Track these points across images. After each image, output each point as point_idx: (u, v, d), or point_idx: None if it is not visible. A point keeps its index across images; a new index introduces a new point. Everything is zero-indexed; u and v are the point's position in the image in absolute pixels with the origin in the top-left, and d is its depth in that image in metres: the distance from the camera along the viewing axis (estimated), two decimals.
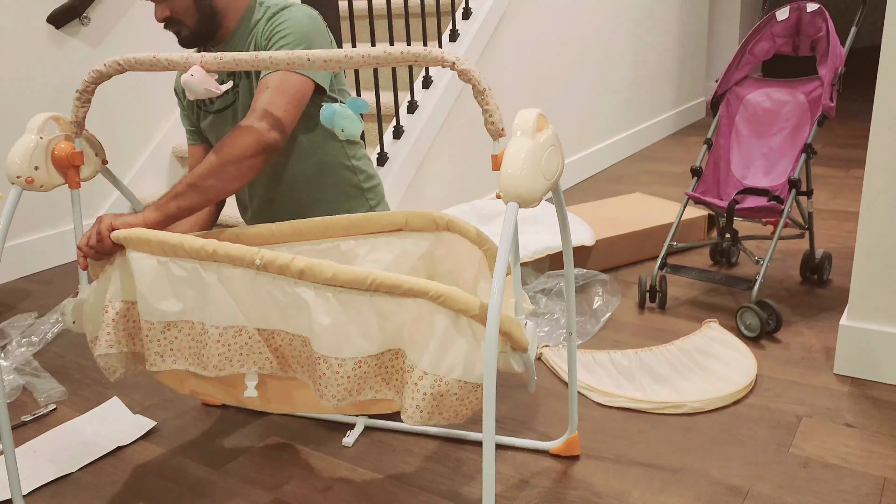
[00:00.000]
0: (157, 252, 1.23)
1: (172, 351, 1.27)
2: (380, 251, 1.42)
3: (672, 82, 4.90)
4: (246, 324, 1.23)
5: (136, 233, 1.24)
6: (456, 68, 1.06)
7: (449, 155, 2.92)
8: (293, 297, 1.17)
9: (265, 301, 1.21)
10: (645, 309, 2.23)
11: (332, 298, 1.14)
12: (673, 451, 1.54)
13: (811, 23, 2.15)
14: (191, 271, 1.22)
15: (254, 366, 1.25)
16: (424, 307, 1.11)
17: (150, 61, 1.24)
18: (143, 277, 1.23)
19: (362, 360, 1.16)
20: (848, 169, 3.73)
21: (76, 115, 1.33)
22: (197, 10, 1.54)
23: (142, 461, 1.61)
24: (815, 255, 2.32)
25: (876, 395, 1.70)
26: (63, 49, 2.93)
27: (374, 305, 1.14)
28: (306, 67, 1.16)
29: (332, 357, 1.15)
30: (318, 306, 1.15)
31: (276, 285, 1.18)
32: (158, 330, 1.25)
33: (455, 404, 1.13)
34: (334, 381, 1.16)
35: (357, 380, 1.16)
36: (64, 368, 2.07)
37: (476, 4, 3.00)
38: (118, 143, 3.18)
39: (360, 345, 1.15)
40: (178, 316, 1.25)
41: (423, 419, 1.13)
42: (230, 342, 1.23)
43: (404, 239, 1.41)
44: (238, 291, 1.22)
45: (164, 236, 1.22)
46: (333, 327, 1.14)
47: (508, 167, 1.03)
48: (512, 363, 1.14)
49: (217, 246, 1.20)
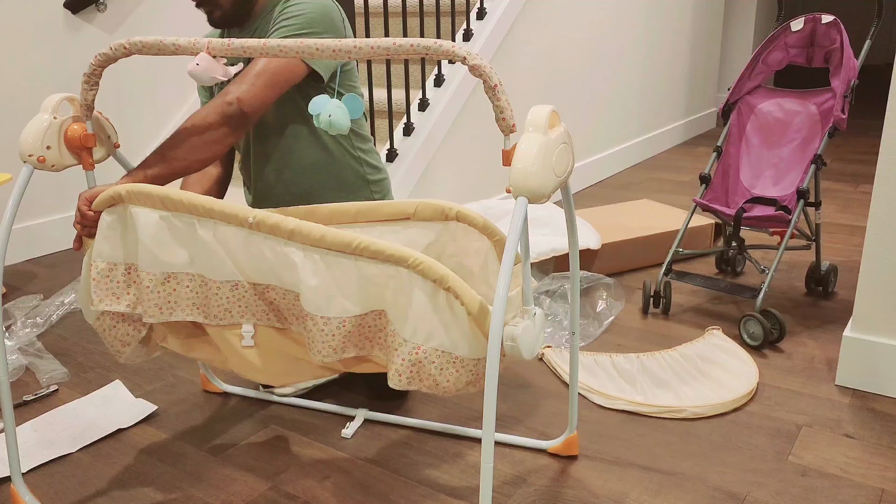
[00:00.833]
0: (158, 206, 1.28)
1: (170, 304, 1.31)
2: (386, 239, 1.43)
3: (683, 91, 4.89)
4: (241, 278, 1.29)
5: (138, 188, 1.28)
6: (467, 63, 1.06)
7: (459, 153, 2.92)
8: (283, 257, 1.23)
9: (257, 258, 1.26)
10: (648, 314, 2.23)
11: (319, 260, 1.21)
12: (672, 456, 1.54)
13: (826, 34, 2.15)
14: (189, 226, 1.28)
15: (252, 317, 1.31)
16: (405, 275, 1.17)
17: (157, 45, 1.24)
18: (146, 230, 1.28)
19: (346, 319, 1.22)
20: (857, 184, 3.72)
21: (85, 97, 1.33)
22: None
23: (141, 444, 1.62)
24: (821, 267, 2.32)
25: (877, 407, 1.70)
26: (79, 34, 2.94)
27: (358, 269, 1.20)
28: (315, 56, 1.15)
29: (318, 315, 1.22)
30: (307, 267, 1.21)
31: (267, 244, 1.24)
32: (159, 281, 1.30)
33: (434, 373, 1.18)
34: (320, 338, 1.23)
35: (341, 338, 1.24)
36: (67, 351, 2.08)
37: (491, 5, 3.01)
38: (130, 129, 3.20)
39: (344, 305, 1.22)
40: (178, 268, 1.30)
41: (404, 384, 1.20)
42: (228, 295, 1.29)
43: (411, 228, 1.41)
44: (232, 248, 1.27)
45: (167, 191, 1.28)
46: (319, 288, 1.21)
47: (519, 162, 1.03)
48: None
49: (213, 203, 1.25)
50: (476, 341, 1.17)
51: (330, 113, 1.28)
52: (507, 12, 3.01)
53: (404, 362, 1.18)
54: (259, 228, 1.24)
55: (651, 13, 4.20)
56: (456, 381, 1.19)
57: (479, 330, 1.16)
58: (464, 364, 1.18)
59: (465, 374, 1.19)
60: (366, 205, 1.44)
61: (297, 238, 1.21)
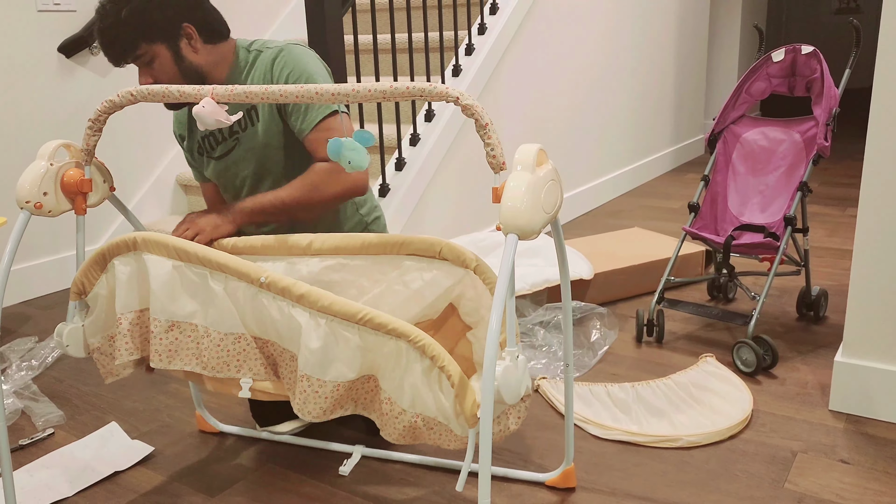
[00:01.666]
0: (172, 256, 1.33)
1: (170, 352, 1.35)
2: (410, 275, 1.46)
3: (671, 119, 4.96)
4: (245, 332, 1.33)
5: (154, 237, 1.33)
6: (460, 103, 1.09)
7: (450, 187, 2.95)
8: (289, 318, 1.28)
9: (262, 315, 1.31)
10: (642, 343, 2.25)
11: (324, 325, 1.25)
12: (668, 485, 1.54)
13: (806, 64, 2.20)
14: (201, 277, 1.32)
15: (249, 371, 1.35)
16: (404, 349, 1.22)
17: (163, 93, 1.28)
18: (157, 278, 1.32)
19: (340, 384, 1.27)
20: (844, 208, 3.77)
21: (87, 143, 1.36)
22: (184, 78, 1.58)
23: (138, 487, 1.61)
24: (812, 292, 2.34)
25: (871, 431, 1.71)
26: (73, 78, 2.98)
27: (361, 337, 1.24)
28: (315, 100, 1.19)
29: (314, 377, 1.25)
30: (310, 330, 1.25)
31: (275, 304, 1.29)
32: (163, 329, 1.33)
33: (432, 436, 1.26)
34: (313, 398, 1.27)
35: (333, 400, 1.28)
36: (62, 393, 2.07)
37: (479, 41, 3.06)
38: (123, 171, 3.22)
39: (341, 370, 1.26)
40: (184, 318, 1.34)
41: (406, 442, 1.29)
42: (229, 347, 1.33)
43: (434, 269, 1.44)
44: (240, 302, 1.32)
45: (183, 243, 1.32)
46: (320, 351, 1.25)
47: (509, 200, 1.05)
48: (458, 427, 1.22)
49: (227, 259, 1.30)
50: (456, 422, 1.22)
51: (349, 160, 1.31)
52: (496, 47, 3.06)
53: (406, 428, 1.25)
54: (269, 289, 1.28)
55: (637, 44, 4.28)
56: (453, 438, 1.25)
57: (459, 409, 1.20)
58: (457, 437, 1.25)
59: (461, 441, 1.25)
60: (392, 237, 1.46)
61: (305, 303, 1.25)
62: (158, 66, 1.55)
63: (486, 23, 3.10)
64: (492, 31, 3.08)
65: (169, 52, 1.55)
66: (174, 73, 1.57)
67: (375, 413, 1.32)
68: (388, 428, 1.27)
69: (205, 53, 1.60)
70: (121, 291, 1.34)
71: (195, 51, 1.58)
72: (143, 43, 1.52)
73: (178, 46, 1.56)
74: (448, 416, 1.21)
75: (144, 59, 1.54)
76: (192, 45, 1.57)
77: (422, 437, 1.27)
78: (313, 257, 1.48)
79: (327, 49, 2.28)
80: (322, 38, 2.29)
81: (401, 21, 3.61)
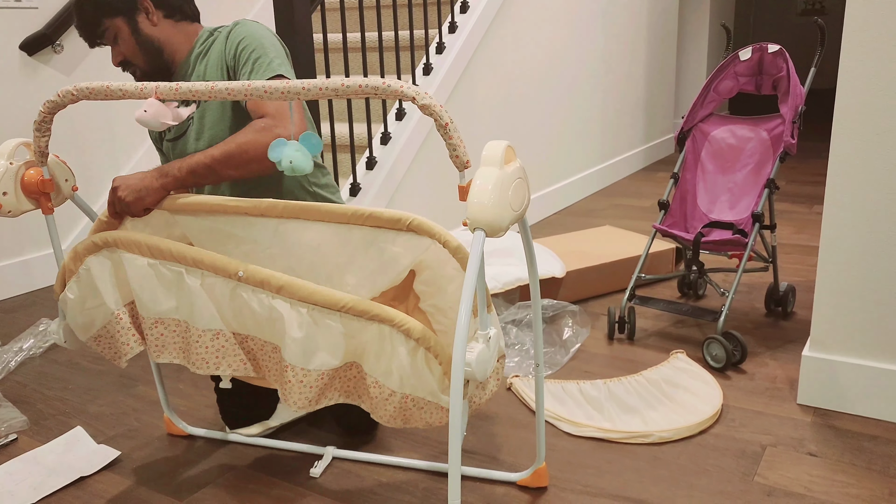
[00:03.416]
0: (145, 254, 1.32)
1: (158, 346, 1.36)
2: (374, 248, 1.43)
3: (641, 119, 5.00)
4: (223, 327, 1.32)
5: (127, 236, 1.32)
6: (417, 103, 1.07)
7: (421, 186, 2.94)
8: (269, 310, 1.27)
9: (242, 309, 1.30)
10: (614, 340, 2.26)
11: (306, 314, 1.24)
12: (641, 481, 1.55)
13: (773, 63, 2.22)
14: (176, 274, 1.31)
15: (228, 368, 1.34)
16: (387, 333, 1.21)
17: (104, 91, 1.25)
18: (134, 276, 1.32)
19: (325, 372, 1.26)
20: (811, 205, 3.82)
21: (37, 144, 1.33)
22: (142, 50, 1.59)
23: (105, 492, 1.58)
24: (780, 288, 2.37)
25: (838, 424, 1.73)
26: (35, 76, 2.92)
27: (343, 325, 1.24)
28: (264, 98, 1.17)
29: (298, 367, 1.25)
30: (293, 320, 1.24)
31: (254, 297, 1.27)
32: (149, 325, 1.34)
33: (423, 416, 1.26)
34: (298, 388, 1.26)
35: (318, 389, 1.27)
36: (26, 398, 2.03)
37: (450, 40, 3.06)
38: (89, 172, 3.16)
39: (325, 359, 1.25)
40: (166, 314, 1.34)
41: (398, 425, 1.29)
42: (208, 344, 1.32)
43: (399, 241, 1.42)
44: (218, 298, 1.31)
45: (156, 241, 1.31)
46: (304, 340, 1.24)
47: (475, 196, 1.05)
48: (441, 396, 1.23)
49: (203, 255, 1.29)
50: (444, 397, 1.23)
51: (291, 159, 1.28)
52: (466, 46, 3.06)
53: (396, 409, 1.25)
54: (248, 282, 1.27)
55: (607, 43, 4.30)
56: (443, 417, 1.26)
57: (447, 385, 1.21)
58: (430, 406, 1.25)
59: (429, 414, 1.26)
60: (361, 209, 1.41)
61: (285, 293, 1.24)
62: (122, 41, 1.58)
63: (456, 21, 3.10)
64: (462, 29, 3.07)
65: (127, 27, 1.57)
66: (134, 48, 1.59)
67: (364, 398, 1.32)
68: (380, 411, 1.27)
69: (166, 28, 1.61)
70: (108, 287, 1.36)
71: (154, 24, 1.59)
72: (105, 19, 1.55)
73: (135, 20, 1.57)
74: (436, 393, 1.22)
75: (109, 35, 1.57)
76: (150, 18, 1.59)
77: (412, 418, 1.26)
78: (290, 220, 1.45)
79: (296, 47, 2.26)
80: (291, 35, 2.27)
81: (371, 19, 3.59)
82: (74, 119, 3.07)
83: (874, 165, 1.65)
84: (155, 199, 1.40)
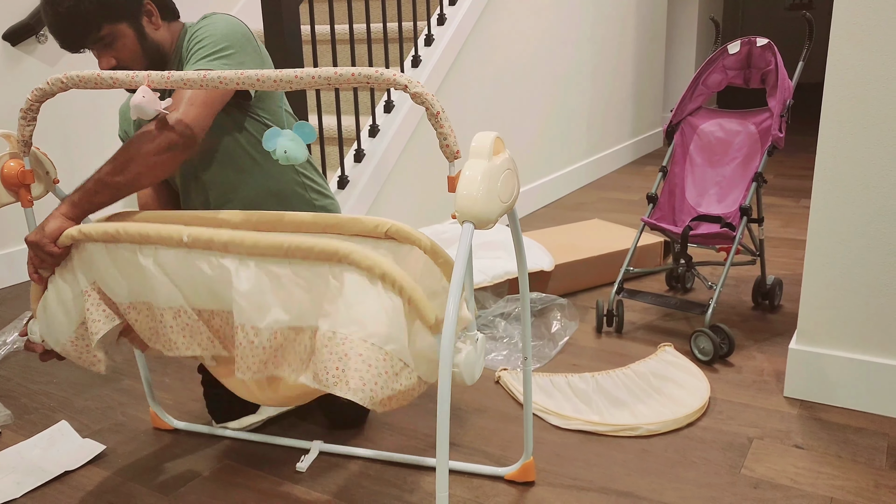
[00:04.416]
0: (101, 240, 1.30)
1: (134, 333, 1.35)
2: None
3: (630, 112, 5.00)
4: (184, 304, 1.28)
5: (87, 227, 1.30)
6: (409, 91, 1.06)
7: (410, 178, 2.93)
8: (220, 270, 1.22)
9: (197, 279, 1.25)
10: (602, 333, 2.26)
11: (253, 266, 1.18)
12: (628, 474, 1.55)
13: (761, 56, 2.22)
14: (131, 253, 1.28)
15: (198, 347, 1.30)
16: (336, 271, 1.12)
17: (95, 79, 1.23)
18: (98, 264, 1.31)
19: (278, 330, 1.18)
20: (798, 199, 3.84)
21: (22, 133, 1.31)
22: (144, 54, 1.54)
23: (90, 487, 1.57)
24: (767, 282, 2.38)
25: (824, 417, 1.74)
26: (19, 66, 2.88)
27: (294, 273, 1.17)
28: (256, 87, 1.15)
29: (248, 325, 1.18)
30: (240, 274, 1.19)
31: (204, 259, 1.23)
32: (123, 310, 1.32)
33: (362, 368, 1.07)
34: (250, 350, 1.19)
35: (272, 351, 1.19)
36: (10, 392, 2.01)
37: (438, 32, 3.04)
38: (75, 164, 3.13)
39: (277, 315, 1.17)
40: (132, 297, 1.31)
41: (330, 382, 1.09)
42: (171, 323, 1.28)
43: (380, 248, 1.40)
44: (173, 271, 1.27)
45: (104, 227, 1.29)
46: (251, 294, 1.18)
47: (464, 188, 1.04)
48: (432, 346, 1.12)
49: (148, 228, 1.25)
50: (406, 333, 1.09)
51: (286, 148, 1.27)
52: (455, 38, 3.04)
53: (331, 356, 1.09)
54: (195, 245, 1.23)
55: (596, 36, 4.30)
56: (383, 385, 1.08)
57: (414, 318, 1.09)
58: (392, 365, 1.09)
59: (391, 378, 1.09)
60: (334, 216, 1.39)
61: (232, 248, 1.20)
62: (121, 46, 1.50)
63: (445, 13, 3.08)
64: (451, 21, 3.06)
65: (132, 31, 1.51)
66: (137, 53, 1.52)
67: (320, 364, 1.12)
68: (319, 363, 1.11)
69: (164, 30, 1.57)
70: (79, 269, 1.34)
71: (156, 27, 1.55)
72: (106, 23, 1.47)
73: (140, 24, 1.52)
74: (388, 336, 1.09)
75: (106, 40, 1.49)
76: (153, 21, 1.54)
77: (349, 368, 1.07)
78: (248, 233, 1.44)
79: (284, 39, 2.24)
80: (278, 27, 2.25)
81: (359, 11, 3.57)
82: (61, 108, 3.04)
83: (861, 159, 1.66)
84: (54, 226, 1.32)
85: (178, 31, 1.61)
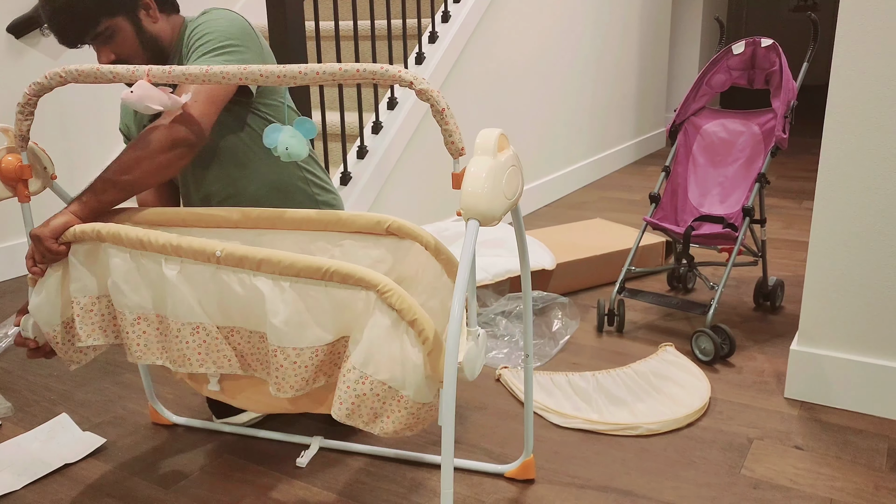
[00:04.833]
0: (127, 246, 1.26)
1: (139, 346, 1.29)
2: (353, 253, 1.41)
3: (633, 112, 5.00)
4: (205, 320, 1.25)
5: (108, 228, 1.27)
6: (414, 87, 1.06)
7: (413, 176, 2.93)
8: (252, 290, 1.19)
9: (226, 296, 1.22)
10: (603, 332, 2.26)
11: (289, 288, 1.16)
12: (628, 473, 1.55)
13: (765, 57, 2.22)
14: (156, 264, 1.25)
15: (213, 365, 1.27)
16: (372, 300, 1.12)
17: (94, 73, 1.22)
18: (117, 269, 1.27)
19: (319, 348, 1.18)
20: (801, 201, 3.84)
21: (20, 128, 1.30)
22: (143, 48, 1.53)
23: (90, 480, 1.57)
24: (769, 283, 2.38)
25: (824, 418, 1.74)
26: (22, 59, 2.88)
27: (329, 295, 1.16)
28: (260, 82, 1.15)
29: (289, 347, 1.17)
30: (275, 296, 1.16)
31: (235, 278, 1.20)
32: (129, 322, 1.28)
33: (375, 405, 1.13)
34: (292, 371, 1.18)
35: (314, 368, 1.19)
36: (11, 384, 2.01)
37: (442, 29, 3.04)
38: (75, 160, 3.13)
39: (317, 334, 1.17)
40: (147, 310, 1.28)
41: (344, 415, 1.14)
42: (187, 339, 1.25)
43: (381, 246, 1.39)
44: (199, 286, 1.24)
45: (135, 232, 1.25)
46: (290, 317, 1.16)
47: (469, 185, 1.04)
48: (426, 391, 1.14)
49: (181, 241, 1.22)
50: (424, 383, 1.12)
51: (287, 145, 1.27)
52: (459, 36, 3.04)
53: (348, 390, 1.13)
54: (227, 262, 1.20)
55: (600, 35, 4.30)
56: (395, 421, 1.14)
57: (430, 370, 1.12)
58: (406, 406, 1.13)
59: (405, 416, 1.14)
60: (334, 213, 1.39)
61: (266, 268, 1.17)
62: (120, 40, 1.50)
63: (449, 11, 3.08)
64: (455, 19, 3.06)
65: (130, 25, 1.50)
66: (136, 47, 1.52)
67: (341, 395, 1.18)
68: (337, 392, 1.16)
69: (163, 23, 1.56)
70: (77, 274, 1.30)
71: (154, 20, 1.54)
72: (104, 18, 1.46)
73: (137, 17, 1.51)
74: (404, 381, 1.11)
75: (104, 35, 1.48)
76: (150, 14, 1.53)
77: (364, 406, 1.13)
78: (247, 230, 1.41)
79: (288, 35, 2.24)
80: (282, 23, 2.24)
81: (363, 8, 3.56)
82: (62, 102, 3.04)
83: (865, 161, 1.66)
84: (59, 222, 1.30)
85: (178, 25, 1.60)
